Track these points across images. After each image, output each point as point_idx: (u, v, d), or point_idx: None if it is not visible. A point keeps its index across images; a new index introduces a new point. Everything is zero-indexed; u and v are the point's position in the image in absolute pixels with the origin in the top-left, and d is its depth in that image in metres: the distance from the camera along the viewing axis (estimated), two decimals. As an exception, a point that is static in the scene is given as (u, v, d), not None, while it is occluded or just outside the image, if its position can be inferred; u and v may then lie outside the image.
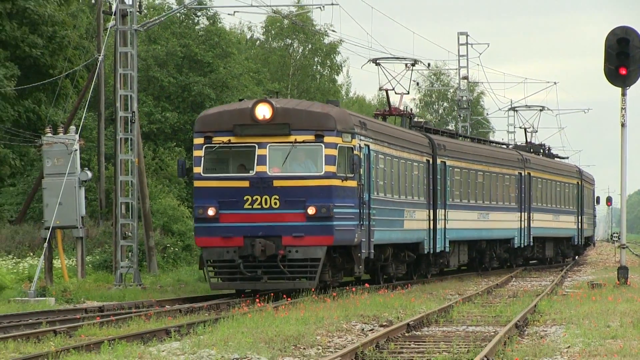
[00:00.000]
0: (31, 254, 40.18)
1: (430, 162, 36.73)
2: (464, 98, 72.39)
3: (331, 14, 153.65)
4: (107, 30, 37.47)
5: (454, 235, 38.28)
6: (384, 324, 19.57)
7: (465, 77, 71.41)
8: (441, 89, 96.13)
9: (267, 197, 26.00)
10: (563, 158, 65.96)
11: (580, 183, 57.02)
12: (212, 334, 16.61)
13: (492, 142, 51.73)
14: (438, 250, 36.59)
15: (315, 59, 79.33)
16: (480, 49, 74.07)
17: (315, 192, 26.20)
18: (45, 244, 30.55)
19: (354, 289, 30.03)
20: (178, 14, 58.07)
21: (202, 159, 26.62)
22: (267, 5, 40.06)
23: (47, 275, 30.57)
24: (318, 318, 19.38)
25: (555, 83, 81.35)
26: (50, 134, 31.99)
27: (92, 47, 46.69)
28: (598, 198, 79.12)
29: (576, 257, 60.21)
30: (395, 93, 40.38)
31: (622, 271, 31.87)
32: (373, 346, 14.91)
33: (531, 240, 46.70)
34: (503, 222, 43.73)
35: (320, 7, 42.90)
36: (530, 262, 51.06)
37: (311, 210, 25.92)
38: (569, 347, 15.77)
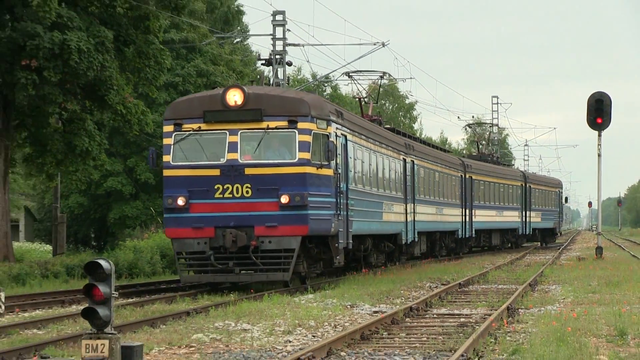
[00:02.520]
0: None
1: (405, 160, 39.03)
2: (495, 138, 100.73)
3: (410, 84, 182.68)
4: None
5: (420, 227, 41.08)
6: (444, 283, 29.49)
7: (496, 125, 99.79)
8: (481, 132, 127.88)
9: (238, 185, 24.88)
10: (509, 165, 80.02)
11: (524, 185, 66.36)
12: (334, 290, 26.38)
13: (442, 149, 56.89)
14: (409, 240, 39.55)
15: (400, 113, 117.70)
16: (506, 105, 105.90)
17: (288, 180, 24.98)
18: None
19: (423, 261, 44.39)
20: (312, 85, 73.79)
21: (172, 147, 25.48)
22: (370, 79, 47.33)
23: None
24: (402, 279, 30.76)
25: (554, 128, 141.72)
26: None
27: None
28: (566, 198, 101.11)
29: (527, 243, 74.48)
30: (366, 102, 45.19)
31: (599, 250, 45.98)
32: (437, 297, 23.81)
33: (473, 232, 53.42)
34: (451, 217, 49.38)
35: (402, 80, 66.78)
36: (474, 249, 58.94)
37: (284, 199, 24.69)
38: (564, 298, 24.48)
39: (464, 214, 51.67)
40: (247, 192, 24.94)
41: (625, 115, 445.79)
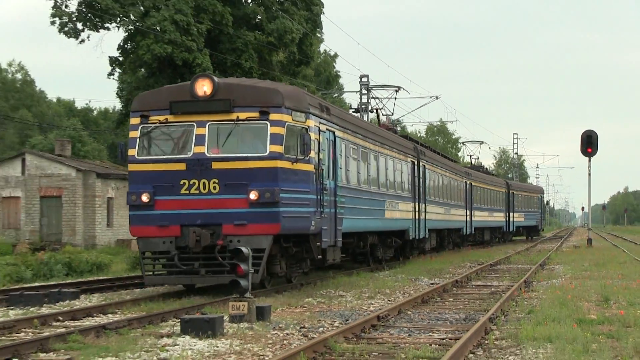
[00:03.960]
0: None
1: (415, 163, 40.50)
2: (516, 163, 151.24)
3: (455, 125, 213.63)
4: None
5: (430, 225, 43.90)
6: (479, 263, 38.90)
7: (516, 153, 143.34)
8: (505, 157, 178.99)
9: (205, 181, 22.82)
10: (497, 176, 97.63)
11: (507, 191, 78.54)
12: (402, 268, 36.05)
13: (450, 159, 61.05)
14: (421, 236, 41.49)
15: (448, 145, 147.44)
16: (522, 139, 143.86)
17: (258, 175, 22.75)
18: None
19: (469, 246, 61.33)
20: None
21: (137, 140, 23.37)
22: (427, 121, 56.82)
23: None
24: (449, 261, 41.23)
25: (557, 155, 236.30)
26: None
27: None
28: (548, 202, 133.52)
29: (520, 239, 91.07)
30: (383, 114, 53.53)
31: (589, 240, 62.69)
32: (475, 273, 32.78)
33: (473, 229, 61.63)
34: (458, 216, 55.03)
35: (450, 122, 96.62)
36: (472, 244, 65.98)
37: (253, 195, 22.38)
38: (565, 274, 31.87)
39: (467, 214, 59.08)
40: (214, 188, 22.75)
41: (611, 147, 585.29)
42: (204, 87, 22.77)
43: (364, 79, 59.96)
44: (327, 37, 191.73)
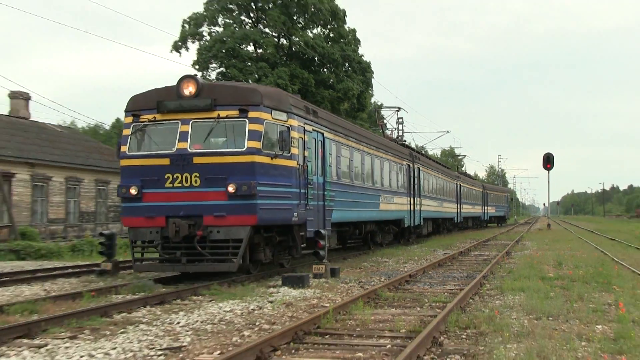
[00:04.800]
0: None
1: (411, 166, 46.56)
2: (500, 174, 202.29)
3: (461, 150, 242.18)
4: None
5: (425, 215, 50.60)
6: (476, 240, 51.00)
7: (501, 168, 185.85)
8: (492, 171, 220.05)
9: (187, 174, 21.41)
10: (475, 179, 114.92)
11: (484, 190, 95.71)
12: (424, 243, 46.45)
13: (446, 166, 75.54)
14: (416, 224, 47.65)
15: (455, 164, 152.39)
16: (505, 159, 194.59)
17: (236, 169, 21.40)
18: None
19: (458, 231, 72.73)
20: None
21: (129, 137, 22.76)
22: (441, 147, 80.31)
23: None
24: (457, 238, 55.22)
25: (527, 169, 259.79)
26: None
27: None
28: (512, 199, 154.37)
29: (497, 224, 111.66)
30: (387, 129, 60.35)
31: (548, 225, 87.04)
32: (473, 246, 41.96)
33: (462, 218, 74.68)
34: (450, 208, 66.31)
35: (456, 147, 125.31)
36: (460, 229, 79.41)
37: (231, 188, 21.07)
38: (532, 247, 40.64)
39: (457, 207, 71.39)
40: (195, 181, 21.33)
41: (563, 163, 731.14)
42: (189, 88, 22.18)
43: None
44: (375, 92, 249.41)
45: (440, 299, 17.43)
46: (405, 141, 56.81)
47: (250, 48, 67.97)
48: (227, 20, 68.49)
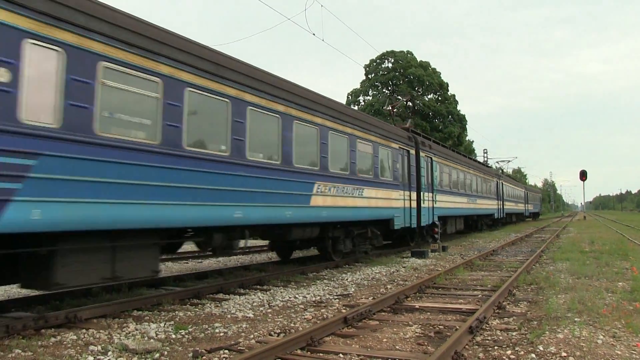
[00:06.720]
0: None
1: (412, 153, 22.61)
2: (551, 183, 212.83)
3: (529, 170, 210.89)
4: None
5: (442, 212, 26.50)
6: (535, 228, 45.84)
7: (552, 180, 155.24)
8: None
9: None
10: (518, 181, 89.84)
11: (525, 191, 76.29)
12: (502, 229, 41.67)
13: (483, 164, 47.68)
14: (424, 224, 25.83)
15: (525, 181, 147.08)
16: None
17: None
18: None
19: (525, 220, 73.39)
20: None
21: None
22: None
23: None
24: (489, 238, 34.05)
25: (569, 180, 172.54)
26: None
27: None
28: (553, 200, 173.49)
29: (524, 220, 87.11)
30: (396, 116, 50.72)
31: (584, 217, 79.91)
32: (534, 232, 38.21)
33: (504, 214, 50.72)
34: (488, 205, 39.66)
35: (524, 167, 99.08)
36: (503, 224, 57.76)
37: None
38: (574, 232, 37.64)
39: (498, 204, 44.96)
40: None
41: (593, 174, 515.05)
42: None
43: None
44: (469, 133, 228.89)
45: (513, 265, 17.27)
46: (489, 165, 49.57)
47: (389, 108, 73.46)
48: (374, 92, 72.73)
